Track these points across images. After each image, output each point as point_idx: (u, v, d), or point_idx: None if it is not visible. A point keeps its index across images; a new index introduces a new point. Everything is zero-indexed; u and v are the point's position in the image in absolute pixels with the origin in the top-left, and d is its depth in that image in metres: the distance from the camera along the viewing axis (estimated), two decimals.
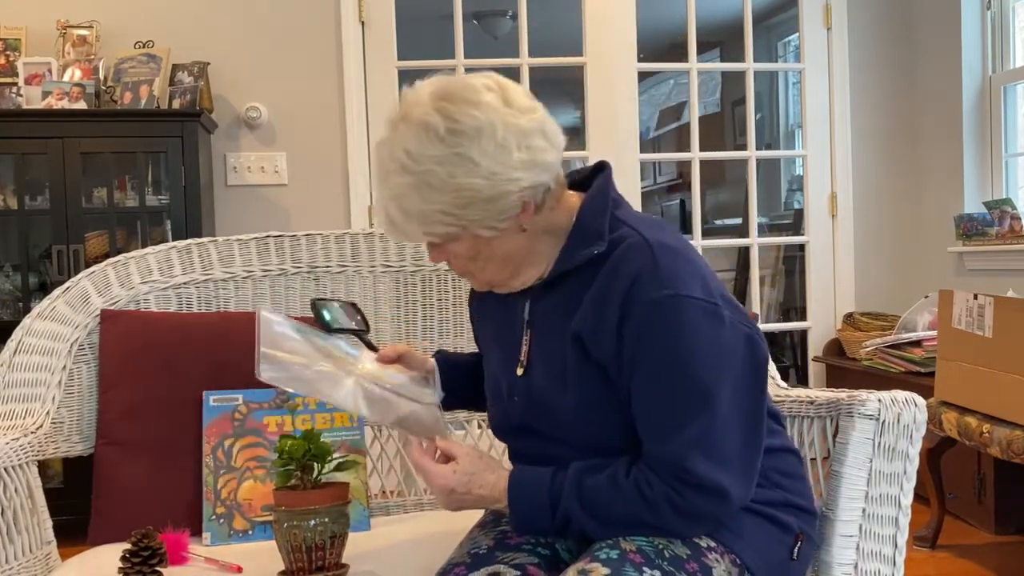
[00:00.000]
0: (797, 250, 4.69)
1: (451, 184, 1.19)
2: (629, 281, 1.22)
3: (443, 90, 1.22)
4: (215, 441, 1.76)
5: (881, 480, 1.40)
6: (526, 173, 1.21)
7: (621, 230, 1.28)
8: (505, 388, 1.38)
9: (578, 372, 1.27)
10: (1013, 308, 2.55)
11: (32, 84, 3.39)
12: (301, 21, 3.74)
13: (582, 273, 1.28)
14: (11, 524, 1.54)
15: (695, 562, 1.23)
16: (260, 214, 3.72)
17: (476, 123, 1.19)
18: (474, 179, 1.19)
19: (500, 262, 1.29)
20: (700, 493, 1.20)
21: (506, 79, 1.27)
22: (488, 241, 1.26)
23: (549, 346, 1.32)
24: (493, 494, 1.29)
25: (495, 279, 1.33)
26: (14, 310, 3.32)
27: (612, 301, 1.23)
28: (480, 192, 1.20)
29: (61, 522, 1.77)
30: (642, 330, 1.20)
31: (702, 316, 1.20)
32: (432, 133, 1.19)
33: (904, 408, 1.39)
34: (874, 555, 1.41)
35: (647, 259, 1.23)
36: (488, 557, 1.30)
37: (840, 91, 4.11)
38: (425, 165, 1.19)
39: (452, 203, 1.20)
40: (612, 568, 1.18)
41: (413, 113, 1.21)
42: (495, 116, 1.20)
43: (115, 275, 1.89)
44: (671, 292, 1.20)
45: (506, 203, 1.22)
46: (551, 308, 1.33)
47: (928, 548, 2.90)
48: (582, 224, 1.30)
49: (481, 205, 1.21)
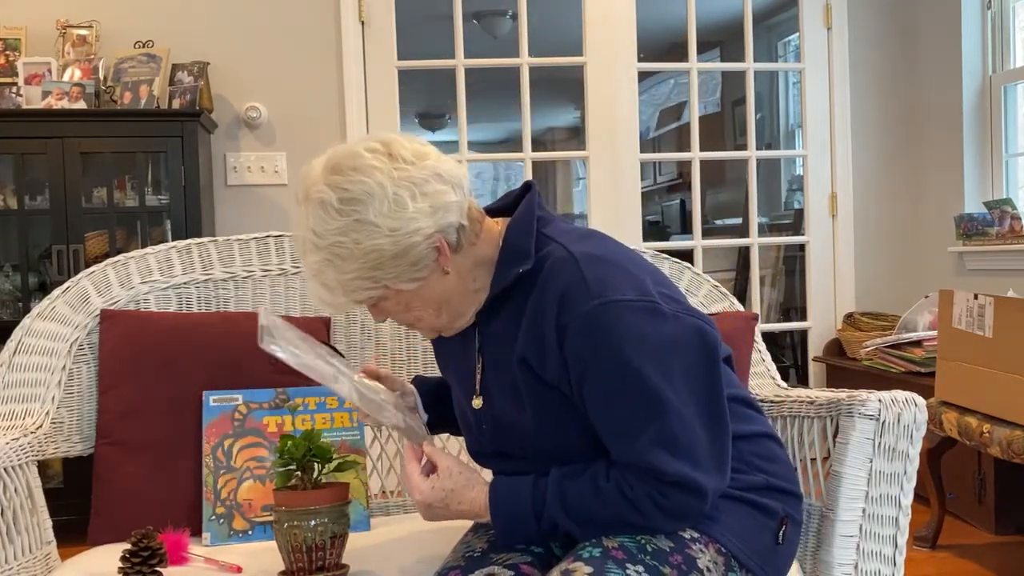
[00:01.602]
0: (797, 250, 4.69)
1: (358, 250, 1.22)
2: (559, 297, 1.23)
3: (331, 163, 1.27)
4: (215, 441, 1.76)
5: (881, 480, 1.40)
6: (428, 220, 1.23)
7: (548, 247, 1.30)
8: (472, 419, 1.40)
9: (532, 395, 1.29)
10: (1013, 308, 2.55)
11: (32, 84, 3.39)
12: (301, 21, 3.74)
13: (516, 295, 1.30)
14: (11, 524, 1.54)
15: (679, 554, 1.24)
16: (260, 214, 3.72)
17: (365, 187, 1.22)
18: (377, 240, 1.22)
19: (435, 308, 1.31)
20: (678, 490, 1.21)
21: (393, 136, 1.29)
22: (415, 292, 1.28)
23: (500, 374, 1.33)
24: (474, 509, 1.31)
25: (437, 324, 1.34)
26: (14, 310, 3.32)
27: (547, 321, 1.24)
28: (386, 251, 1.22)
29: (61, 522, 1.77)
30: (581, 343, 1.21)
31: (639, 316, 1.21)
32: (328, 207, 1.23)
33: (904, 408, 1.39)
34: (874, 555, 1.41)
35: (572, 272, 1.24)
36: (482, 559, 1.30)
37: (840, 91, 4.11)
38: (330, 239, 1.23)
39: (365, 267, 1.23)
40: (595, 567, 1.19)
41: (311, 193, 1.26)
42: (382, 176, 1.23)
43: (115, 275, 1.89)
44: (601, 300, 1.20)
45: (416, 254, 1.24)
46: (497, 332, 1.34)
47: (928, 548, 2.90)
48: (508, 246, 1.31)
49: (392, 263, 1.24)
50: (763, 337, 2.12)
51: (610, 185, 3.84)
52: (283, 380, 1.83)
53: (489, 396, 1.36)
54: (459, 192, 1.27)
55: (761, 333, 2.09)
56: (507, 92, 4.62)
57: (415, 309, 1.31)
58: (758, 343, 2.01)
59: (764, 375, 1.95)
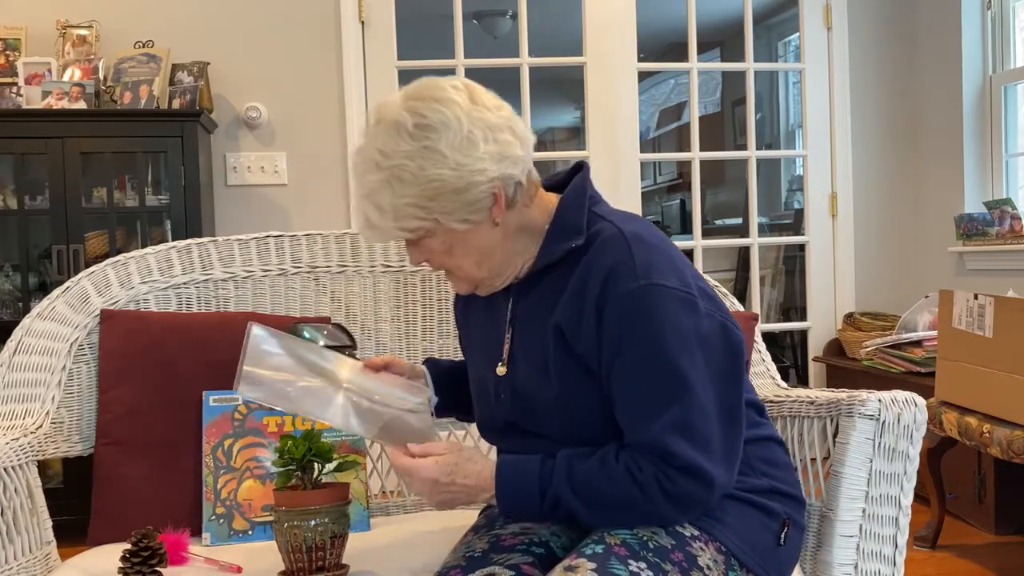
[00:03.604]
0: (797, 250, 4.69)
1: (421, 177, 1.24)
2: (605, 273, 1.25)
3: (412, 91, 1.29)
4: (215, 441, 1.76)
5: (881, 480, 1.40)
6: (494, 164, 1.25)
7: (599, 224, 1.32)
8: (491, 388, 1.40)
9: (559, 364, 1.30)
10: (1013, 308, 2.55)
11: (32, 84, 3.39)
12: (301, 21, 3.74)
13: (562, 267, 1.32)
14: (11, 524, 1.54)
15: (680, 552, 1.24)
16: (260, 214, 3.72)
17: (442, 118, 1.24)
18: (442, 170, 1.23)
19: (476, 258, 1.32)
20: (686, 476, 1.21)
21: (475, 83, 1.32)
22: (462, 236, 1.29)
23: (531, 341, 1.35)
24: (479, 483, 1.29)
25: (475, 276, 1.35)
26: (14, 310, 3.32)
27: (589, 293, 1.26)
28: (448, 183, 1.24)
29: (61, 522, 1.77)
30: (619, 319, 1.23)
31: (677, 304, 1.23)
32: (402, 130, 1.25)
33: (904, 408, 1.39)
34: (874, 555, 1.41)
35: (623, 251, 1.26)
36: (483, 559, 1.30)
37: (840, 91, 4.11)
38: (396, 160, 1.24)
39: (422, 195, 1.24)
40: (598, 563, 1.19)
41: (385, 114, 1.28)
42: (460, 112, 1.25)
43: (115, 275, 1.89)
44: (646, 282, 1.23)
45: (475, 194, 1.25)
46: (532, 304, 1.36)
47: (928, 548, 2.90)
48: (561, 219, 1.34)
49: (450, 196, 1.25)
50: (763, 337, 2.12)
51: (610, 185, 3.83)
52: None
53: (514, 365, 1.37)
54: (525, 151, 1.30)
55: (761, 333, 2.09)
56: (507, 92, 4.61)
57: (457, 255, 1.31)
58: (758, 343, 2.01)
59: (764, 375, 1.95)
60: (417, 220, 1.27)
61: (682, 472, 1.21)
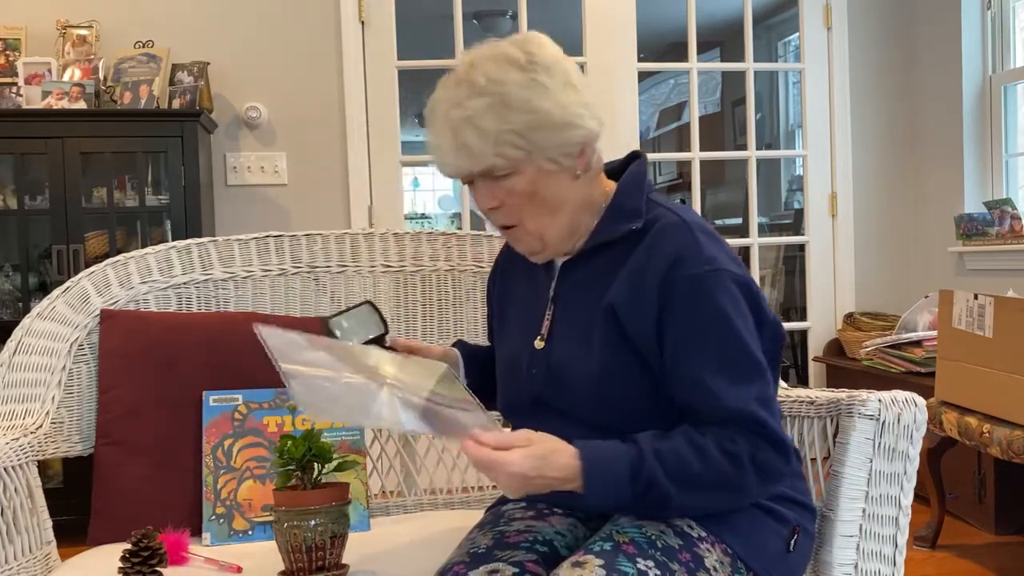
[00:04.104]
0: (797, 250, 4.69)
1: (527, 106, 1.27)
2: (671, 259, 1.28)
3: (514, 38, 1.34)
4: (215, 441, 1.76)
5: (881, 480, 1.40)
6: (589, 116, 1.31)
7: (656, 210, 1.36)
8: (524, 362, 1.41)
9: (606, 343, 1.32)
10: (1013, 308, 2.55)
11: (32, 84, 3.39)
12: (301, 21, 3.74)
13: (615, 249, 1.35)
14: (11, 524, 1.54)
15: (688, 552, 1.24)
16: (260, 214, 3.72)
17: (552, 58, 1.31)
18: (548, 104, 1.28)
19: (550, 209, 1.33)
20: (773, 447, 1.24)
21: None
22: (547, 177, 1.31)
23: (575, 319, 1.37)
24: (567, 474, 1.21)
25: (546, 232, 1.34)
26: (14, 310, 3.32)
27: (652, 278, 1.29)
28: (552, 116, 1.28)
29: (61, 522, 1.77)
30: (688, 302, 1.26)
31: (740, 290, 1.29)
32: (513, 62, 1.29)
33: (904, 408, 1.39)
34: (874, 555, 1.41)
35: (687, 237, 1.30)
36: (487, 556, 1.30)
37: (840, 91, 4.11)
38: (505, 87, 1.27)
39: (525, 124, 1.27)
40: (606, 559, 1.20)
41: (491, 52, 1.31)
42: (566, 61, 1.33)
43: (115, 275, 1.89)
44: (713, 267, 1.28)
45: (571, 135, 1.30)
46: (580, 283, 1.38)
47: (928, 548, 2.90)
48: (619, 201, 1.38)
49: (549, 131, 1.28)
50: None
51: None
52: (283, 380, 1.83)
53: (553, 341, 1.38)
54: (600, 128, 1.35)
55: None
56: None
57: (536, 202, 1.32)
58: None
59: None
60: (514, 149, 1.28)
61: (770, 443, 1.24)
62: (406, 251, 2.03)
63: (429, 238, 2.05)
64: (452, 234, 2.06)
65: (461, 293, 2.03)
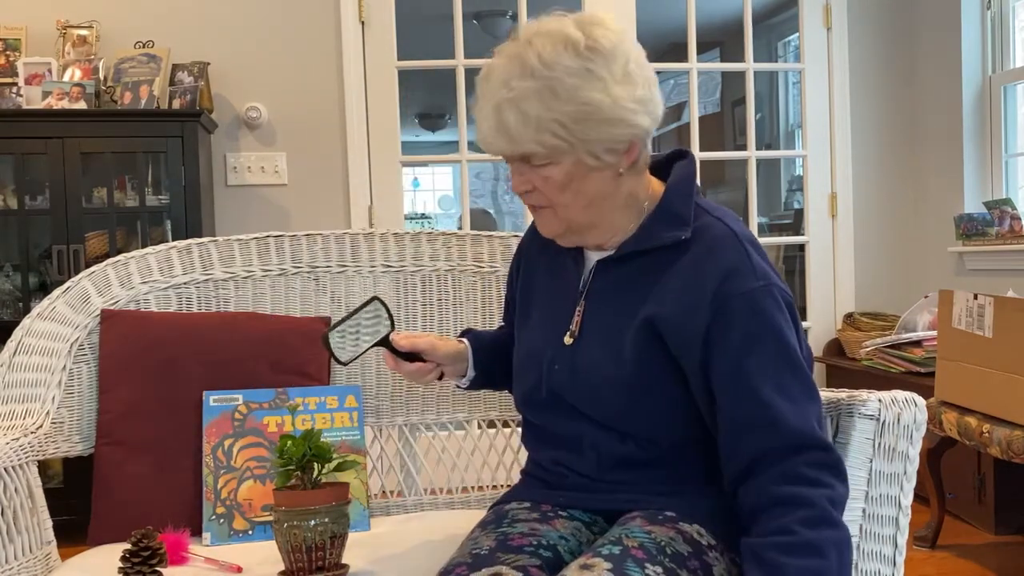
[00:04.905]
0: (797, 250, 4.69)
1: (575, 96, 1.21)
2: (722, 274, 1.25)
3: (582, 16, 1.26)
4: (215, 441, 1.76)
5: (881, 480, 1.40)
6: (642, 112, 1.25)
7: (704, 219, 1.32)
8: (547, 356, 1.38)
9: (639, 352, 1.28)
10: (1013, 308, 2.55)
11: (32, 84, 3.39)
12: (301, 21, 3.74)
13: (659, 255, 1.31)
14: (11, 524, 1.54)
15: (696, 560, 1.23)
16: (260, 214, 3.72)
17: (614, 46, 1.23)
18: (597, 94, 1.22)
19: (586, 202, 1.29)
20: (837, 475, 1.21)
21: None
22: (586, 172, 1.26)
23: (607, 320, 1.33)
24: None
25: (574, 221, 1.31)
26: (14, 310, 3.32)
27: (703, 293, 1.25)
28: (600, 110, 1.22)
29: (61, 522, 1.77)
30: (746, 318, 1.23)
31: (788, 306, 1.27)
32: (571, 46, 1.22)
33: (904, 408, 1.39)
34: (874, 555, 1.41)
35: (739, 251, 1.27)
36: (490, 558, 1.29)
37: (840, 91, 4.11)
38: (555, 72, 1.21)
39: (570, 115, 1.22)
40: (614, 563, 1.18)
41: (553, 28, 1.24)
42: (630, 47, 1.25)
43: (115, 275, 1.89)
44: (766, 283, 1.25)
45: (619, 131, 1.24)
46: (618, 283, 1.34)
47: (928, 548, 2.90)
48: (668, 205, 1.32)
49: (596, 124, 1.23)
50: None
51: None
52: (283, 380, 1.83)
53: (582, 338, 1.35)
54: (655, 123, 1.29)
55: None
56: None
57: (569, 192, 1.27)
58: None
59: None
60: (556, 138, 1.23)
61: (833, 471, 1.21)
62: (406, 251, 2.03)
63: (429, 238, 2.05)
64: (452, 234, 2.06)
65: (461, 293, 2.03)
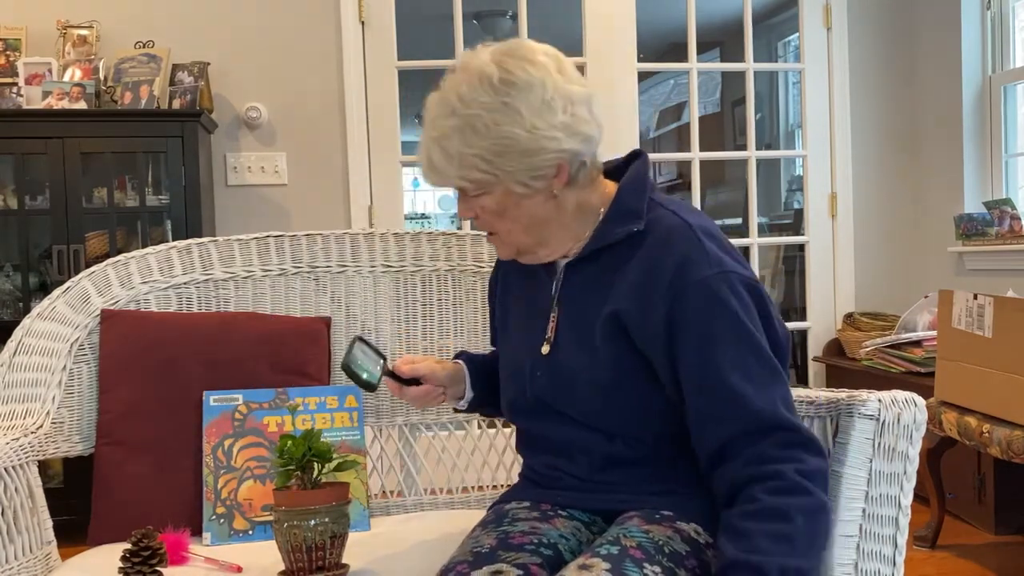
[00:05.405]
0: (797, 250, 4.69)
1: (494, 131, 1.25)
2: (676, 264, 1.26)
3: (504, 48, 1.30)
4: (215, 441, 1.76)
5: (881, 480, 1.40)
6: (566, 136, 1.28)
7: (658, 212, 1.33)
8: (528, 366, 1.40)
9: (611, 349, 1.30)
10: (1013, 308, 2.55)
11: (32, 84, 3.39)
12: (301, 21, 3.74)
13: (617, 251, 1.33)
14: (11, 524, 1.54)
15: (695, 559, 1.24)
16: (260, 214, 3.72)
17: (528, 78, 1.26)
18: (515, 129, 1.25)
19: (525, 225, 1.33)
20: (807, 450, 1.22)
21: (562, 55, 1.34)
22: (518, 199, 1.30)
23: (579, 323, 1.35)
24: None
25: (520, 242, 1.36)
26: (14, 310, 3.32)
27: (658, 284, 1.26)
28: (518, 142, 1.25)
29: (61, 522, 1.77)
30: (701, 308, 1.24)
31: (748, 290, 1.26)
32: (486, 81, 1.26)
33: (904, 408, 1.39)
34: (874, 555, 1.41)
35: (692, 240, 1.28)
36: (491, 556, 1.29)
37: (840, 91, 4.11)
38: (473, 109, 1.26)
39: (490, 149, 1.26)
40: (612, 563, 1.19)
41: (472, 64, 1.29)
42: (547, 77, 1.27)
43: (115, 275, 1.89)
44: (720, 270, 1.25)
45: (541, 159, 1.27)
46: (584, 285, 1.36)
47: (928, 548, 2.90)
48: (620, 203, 1.35)
49: (517, 156, 1.26)
50: None
51: None
52: (283, 380, 1.83)
53: (558, 344, 1.37)
54: (597, 133, 1.33)
55: None
56: None
57: (507, 218, 1.32)
58: None
59: None
60: (480, 172, 1.28)
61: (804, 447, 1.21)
62: (406, 251, 2.03)
63: (429, 238, 2.05)
64: (452, 234, 2.06)
65: (461, 293, 2.03)
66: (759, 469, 1.20)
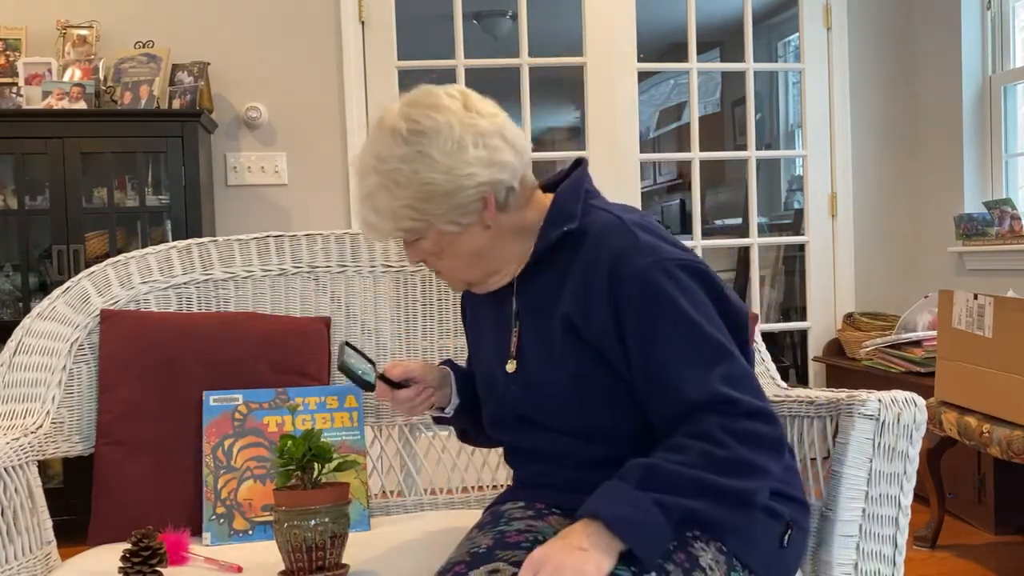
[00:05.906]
0: (797, 250, 4.69)
1: (414, 180, 1.30)
2: (611, 259, 1.29)
3: (410, 99, 1.35)
4: (215, 441, 1.76)
5: (881, 480, 1.40)
6: (483, 169, 1.31)
7: (594, 214, 1.36)
8: (500, 382, 1.43)
9: (570, 353, 1.32)
10: (1013, 308, 2.55)
11: (32, 84, 3.39)
12: (301, 21, 3.74)
13: (561, 257, 1.36)
14: (11, 524, 1.54)
15: (682, 552, 1.24)
16: (260, 214, 3.72)
17: (435, 124, 1.30)
18: (433, 174, 1.29)
19: (466, 260, 1.37)
20: (749, 417, 1.22)
21: (472, 91, 1.38)
22: (452, 238, 1.34)
23: (540, 333, 1.38)
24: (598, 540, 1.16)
25: (467, 277, 1.41)
26: (14, 310, 3.32)
27: (597, 280, 1.29)
28: (439, 186, 1.30)
29: (61, 522, 1.78)
30: (639, 298, 1.26)
31: (688, 273, 1.28)
32: (397, 136, 1.31)
33: (904, 408, 1.39)
34: (874, 555, 1.41)
35: (625, 234, 1.30)
36: (488, 556, 1.30)
37: (840, 91, 4.11)
38: (391, 164, 1.31)
39: (416, 198, 1.30)
40: None
41: (384, 121, 1.34)
42: (453, 118, 1.31)
43: (115, 275, 1.90)
44: (655, 258, 1.27)
45: (464, 197, 1.31)
46: (536, 295, 1.39)
47: (928, 548, 2.90)
48: (555, 208, 1.38)
49: (441, 199, 1.30)
50: (763, 337, 2.12)
51: (610, 185, 3.81)
52: (283, 380, 1.84)
53: (524, 359, 1.40)
54: (517, 157, 1.35)
55: (761, 333, 2.09)
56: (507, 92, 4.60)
57: (447, 257, 1.37)
58: (758, 343, 2.01)
59: (764, 375, 1.95)
60: (411, 221, 1.32)
61: (743, 414, 1.21)
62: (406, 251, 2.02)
63: None
64: None
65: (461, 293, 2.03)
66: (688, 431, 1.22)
